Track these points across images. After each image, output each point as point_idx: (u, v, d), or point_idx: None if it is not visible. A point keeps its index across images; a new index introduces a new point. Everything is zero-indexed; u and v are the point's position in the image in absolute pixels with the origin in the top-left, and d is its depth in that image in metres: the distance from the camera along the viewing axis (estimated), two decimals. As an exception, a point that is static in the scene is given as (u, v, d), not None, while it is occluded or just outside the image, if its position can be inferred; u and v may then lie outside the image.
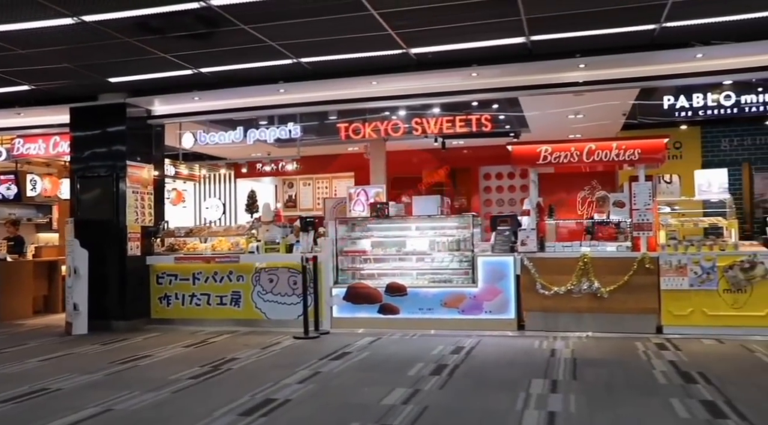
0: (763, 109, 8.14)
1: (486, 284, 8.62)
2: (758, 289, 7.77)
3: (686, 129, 12.87)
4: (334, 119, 9.99)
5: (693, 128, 13.09)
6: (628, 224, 8.32)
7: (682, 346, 7.31)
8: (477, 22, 6.93)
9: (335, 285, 9.19)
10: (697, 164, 12.84)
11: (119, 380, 6.20)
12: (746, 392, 5.24)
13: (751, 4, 6.58)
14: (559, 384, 5.61)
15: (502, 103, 10.35)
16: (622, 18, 6.93)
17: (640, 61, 7.99)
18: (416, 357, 6.95)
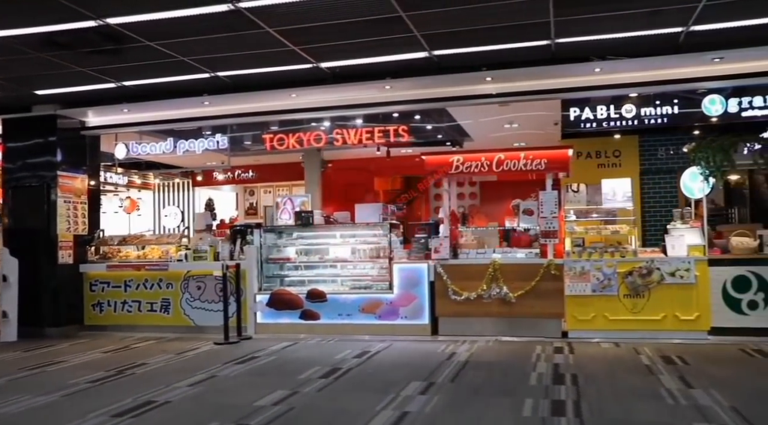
0: (661, 121, 8.45)
1: (402, 290, 8.88)
2: (655, 294, 8.07)
3: (625, 138, 13.15)
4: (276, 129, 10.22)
5: (631, 137, 13.37)
6: (537, 232, 8.60)
7: (579, 349, 7.59)
8: (376, 38, 7.21)
9: (260, 292, 9.43)
10: (636, 172, 13.15)
11: (18, 385, 6.40)
12: (601, 392, 5.52)
13: (643, 21, 6.88)
14: (433, 386, 5.87)
15: (435, 114, 10.61)
16: (515, 34, 7.22)
17: (543, 74, 8.30)
18: (317, 361, 7.19)
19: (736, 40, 7.42)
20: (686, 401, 5.16)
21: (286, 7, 6.21)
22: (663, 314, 8.07)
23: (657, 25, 6.98)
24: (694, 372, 6.21)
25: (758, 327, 7.97)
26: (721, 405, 4.99)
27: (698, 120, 8.53)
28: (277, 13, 6.38)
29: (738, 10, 6.64)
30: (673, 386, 5.67)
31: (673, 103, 8.41)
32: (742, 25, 7.07)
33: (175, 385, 6.13)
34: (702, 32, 7.24)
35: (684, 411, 4.90)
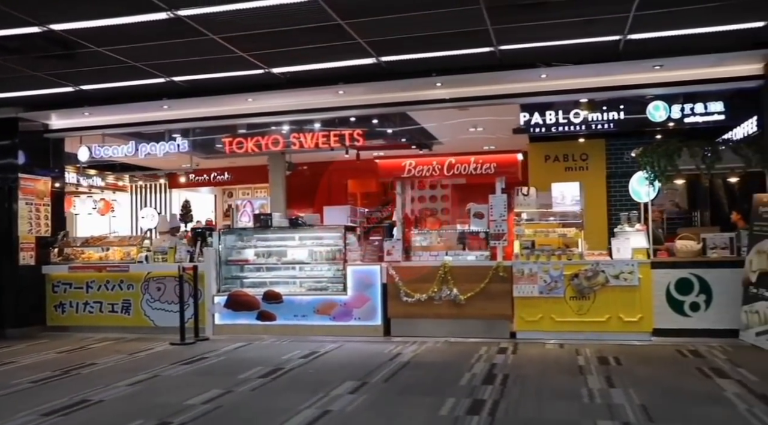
0: (608, 126, 8.62)
1: (355, 292, 9.02)
2: (600, 296, 8.24)
3: (592, 141, 13.31)
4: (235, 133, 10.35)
5: (598, 141, 13.53)
6: (487, 234, 8.76)
7: (522, 350, 7.75)
8: (321, 45, 7.36)
9: (218, 293, 9.55)
10: (602, 176, 13.32)
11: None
12: (524, 392, 5.68)
13: (579, 30, 7.05)
14: (365, 386, 6.01)
15: (396, 117, 10.75)
16: (457, 41, 7.39)
17: (492, 80, 8.46)
18: (263, 361, 7.33)
19: (673, 48, 7.61)
20: (601, 400, 5.32)
21: (226, 16, 6.37)
22: (607, 315, 8.23)
23: (594, 33, 7.17)
24: (622, 372, 6.37)
25: (699, 328, 8.14)
26: (632, 403, 5.14)
27: (644, 125, 8.69)
28: (219, 21, 6.53)
29: (670, 21, 6.84)
30: (596, 386, 5.83)
31: (619, 109, 8.57)
32: (677, 35, 7.26)
33: (114, 385, 6.26)
34: (640, 41, 7.43)
35: (595, 409, 5.05)
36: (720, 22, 6.95)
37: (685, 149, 8.53)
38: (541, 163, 13.47)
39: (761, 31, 7.17)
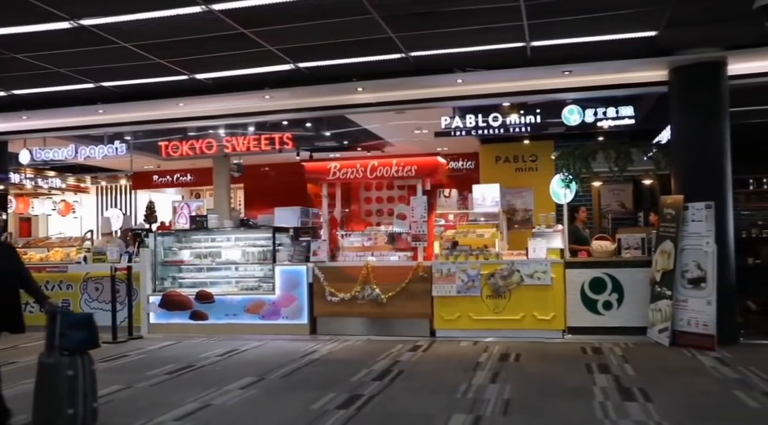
0: (525, 130, 8.87)
1: (283, 291, 9.25)
2: (515, 295, 8.48)
3: (541, 143, 13.53)
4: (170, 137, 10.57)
5: (547, 142, 13.75)
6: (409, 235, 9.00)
7: (434, 348, 7.99)
8: (236, 52, 7.58)
9: (153, 293, 9.77)
10: (551, 176, 13.52)
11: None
12: (407, 388, 5.92)
13: (478, 37, 7.29)
14: (259, 383, 6.24)
15: (335, 120, 10.96)
16: (367, 48, 7.61)
17: (411, 84, 8.69)
18: (180, 359, 7.55)
19: (579, 55, 7.84)
20: (473, 395, 5.56)
21: (130, 25, 6.58)
22: (522, 314, 8.47)
23: (497, 41, 7.40)
24: (513, 369, 6.62)
25: (612, 326, 8.38)
26: (499, 398, 5.39)
27: (559, 129, 8.93)
28: (125, 30, 6.75)
29: (567, 29, 7.07)
30: (479, 381, 6.06)
31: (535, 113, 8.81)
32: (580, 42, 7.49)
33: (21, 382, 6.43)
34: (546, 47, 7.66)
35: (460, 403, 5.29)
36: (614, 31, 7.19)
37: (600, 152, 8.80)
38: (492, 164, 13.70)
39: (657, 39, 7.40)
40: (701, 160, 7.94)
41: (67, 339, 4.34)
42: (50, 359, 4.32)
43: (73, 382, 4.27)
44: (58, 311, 4.50)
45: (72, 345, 4.34)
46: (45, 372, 4.37)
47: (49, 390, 4.31)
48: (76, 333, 4.36)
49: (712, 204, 7.55)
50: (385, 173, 9.01)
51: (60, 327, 4.34)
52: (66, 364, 4.28)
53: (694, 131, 7.98)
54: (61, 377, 4.28)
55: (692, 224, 7.72)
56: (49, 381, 4.28)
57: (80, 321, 4.51)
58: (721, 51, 7.77)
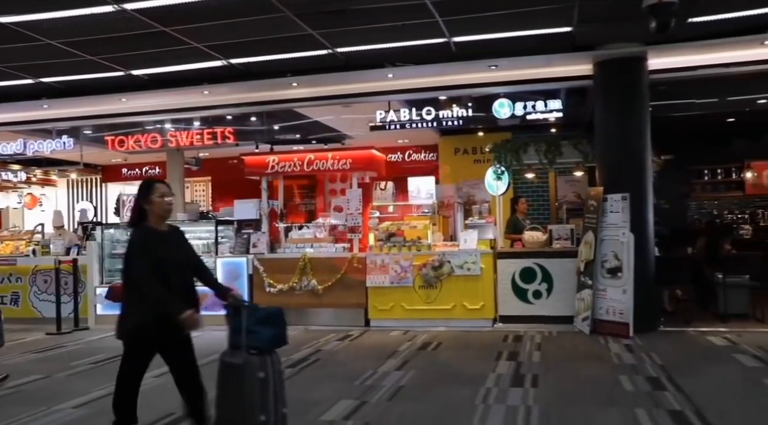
0: (457, 123, 9.03)
1: (225, 283, 9.38)
2: (446, 285, 8.67)
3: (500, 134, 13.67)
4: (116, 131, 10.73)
5: (504, 134, 13.92)
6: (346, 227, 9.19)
7: (363, 338, 8.20)
8: (161, 49, 7.72)
9: (100, 285, 9.96)
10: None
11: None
12: (311, 375, 6.12)
13: (394, 34, 7.44)
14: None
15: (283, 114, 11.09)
16: (292, 45, 7.75)
17: (344, 79, 8.84)
18: (110, 350, 7.72)
19: (503, 50, 7.99)
20: (373, 382, 5.76)
21: (48, 23, 6.72)
22: (453, 303, 8.66)
23: (416, 37, 7.54)
24: (425, 357, 6.83)
25: (541, 314, 8.58)
26: (395, 385, 5.60)
27: (490, 122, 9.10)
28: (45, 28, 6.89)
29: (484, 25, 7.21)
30: (385, 369, 6.27)
31: (467, 106, 8.97)
32: (501, 37, 7.64)
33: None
34: (468, 43, 7.81)
35: (354, 390, 5.49)
36: (530, 26, 7.35)
37: (532, 145, 8.98)
38: (451, 155, 13.89)
39: (575, 35, 7.56)
40: (620, 152, 8.11)
41: (256, 337, 3.76)
42: (237, 359, 3.75)
43: (265, 385, 3.73)
44: (244, 306, 3.97)
45: (262, 344, 3.77)
46: (231, 373, 3.80)
47: (237, 394, 3.77)
48: (265, 329, 3.79)
49: (628, 196, 7.74)
50: (321, 166, 9.18)
51: (247, 323, 3.79)
52: (256, 365, 3.72)
53: (614, 123, 8.15)
54: (252, 379, 3.73)
55: (610, 215, 7.91)
56: (238, 383, 3.75)
57: (269, 316, 3.93)
58: (641, 46, 7.94)
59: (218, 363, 3.87)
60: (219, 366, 3.86)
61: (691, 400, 4.89)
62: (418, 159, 14.83)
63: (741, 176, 13.97)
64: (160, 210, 3.92)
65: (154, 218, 3.92)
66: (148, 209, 3.90)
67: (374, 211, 9.19)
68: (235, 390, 3.79)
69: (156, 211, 3.91)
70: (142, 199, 3.91)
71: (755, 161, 13.83)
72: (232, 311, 3.96)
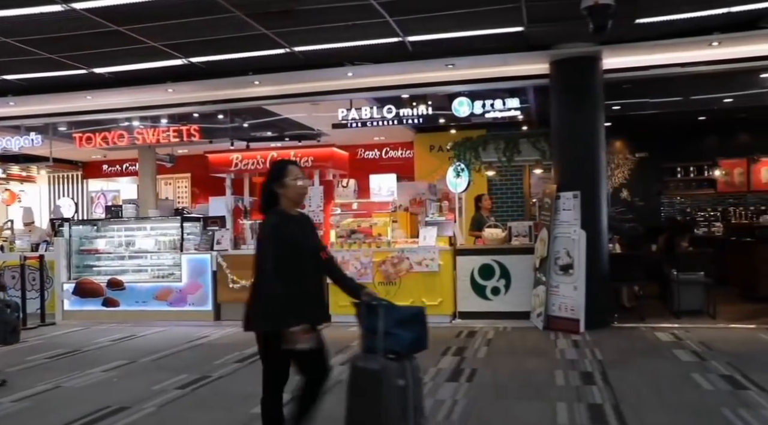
0: (417, 121, 9.13)
1: (190, 279, 9.55)
2: (405, 281, 8.78)
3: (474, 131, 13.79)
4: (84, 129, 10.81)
5: (479, 131, 14.03)
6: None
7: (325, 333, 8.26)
8: (122, 47, 7.80)
9: (68, 281, 10.06)
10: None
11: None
12: (249, 372, 6.17)
13: (347, 34, 7.53)
14: (124, 366, 6.55)
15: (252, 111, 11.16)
16: (248, 44, 7.83)
17: (305, 78, 8.93)
18: (71, 345, 7.88)
19: (459, 49, 8.09)
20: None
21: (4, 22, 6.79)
22: (411, 299, 8.72)
23: (370, 36, 7.63)
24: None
25: (500, 311, 8.70)
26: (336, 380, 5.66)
27: (450, 120, 9.20)
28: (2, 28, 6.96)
29: (437, 25, 7.30)
30: (331, 363, 6.35)
31: (427, 104, 9.07)
32: (456, 37, 7.73)
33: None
34: (423, 42, 7.90)
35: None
36: (481, 26, 7.43)
37: (491, 143, 9.09)
38: (426, 153, 14.01)
39: (529, 34, 7.65)
40: (574, 151, 8.21)
41: (395, 340, 3.35)
42: (373, 364, 3.33)
43: (404, 394, 3.35)
44: (381, 305, 3.46)
45: (401, 348, 3.37)
46: (366, 379, 3.37)
47: (373, 403, 3.35)
48: (405, 331, 3.38)
49: (579, 194, 7.84)
50: (284, 163, 9.23)
51: (385, 324, 3.37)
52: (395, 371, 3.33)
53: (569, 122, 8.26)
54: (390, 387, 3.32)
55: (563, 212, 8.02)
56: (374, 391, 3.34)
57: (410, 316, 3.52)
58: (596, 46, 8.03)
59: (349, 368, 3.47)
60: (351, 371, 3.45)
61: (614, 394, 5.01)
62: (395, 156, 14.93)
63: (712, 174, 14.10)
64: (294, 194, 3.49)
65: (287, 203, 3.48)
66: (280, 193, 3.44)
67: (336, 208, 9.29)
68: (372, 398, 3.36)
69: (290, 195, 3.47)
70: (274, 182, 3.45)
71: (726, 159, 13.97)
72: (366, 311, 3.50)
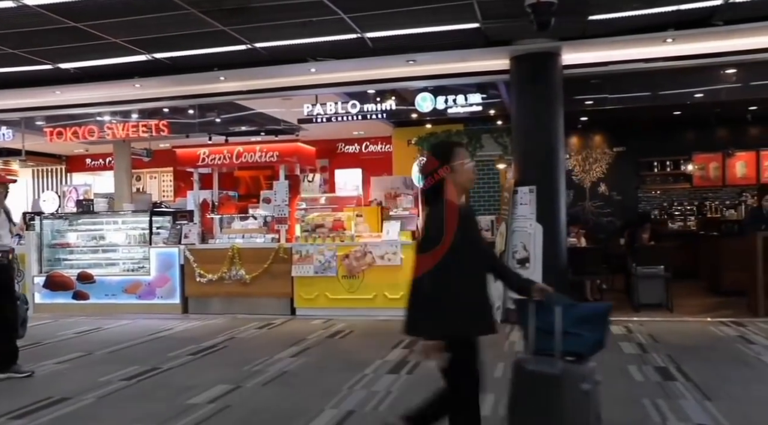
0: (381, 116, 9.22)
1: (158, 272, 9.66)
2: (368, 275, 8.88)
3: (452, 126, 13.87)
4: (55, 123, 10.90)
5: (457, 125, 14.07)
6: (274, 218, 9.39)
7: (284, 326, 8.42)
8: (79, 44, 7.87)
9: (39, 274, 10.16)
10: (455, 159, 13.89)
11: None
12: (199, 364, 6.34)
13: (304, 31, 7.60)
14: (78, 358, 6.66)
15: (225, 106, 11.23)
16: (209, 40, 7.90)
17: (270, 74, 9.00)
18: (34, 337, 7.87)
19: (419, 45, 8.15)
20: (262, 368, 5.98)
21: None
22: (374, 293, 8.88)
23: (328, 32, 7.70)
24: (327, 344, 7.09)
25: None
26: (280, 372, 5.82)
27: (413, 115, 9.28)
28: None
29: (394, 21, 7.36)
30: (281, 356, 6.49)
31: (390, 100, 9.15)
32: (415, 33, 7.80)
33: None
34: (383, 38, 7.97)
35: (241, 375, 5.70)
36: (438, 23, 7.49)
37: (454, 138, 9.16)
38: (404, 147, 14.07)
39: (487, 30, 7.72)
40: (533, 145, 8.29)
41: (577, 341, 3.00)
42: (550, 368, 2.97)
43: (589, 400, 2.98)
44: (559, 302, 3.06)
45: (585, 349, 3.02)
46: (543, 385, 2.99)
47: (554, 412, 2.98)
48: (587, 331, 3.02)
49: (534, 188, 7.93)
50: (250, 158, 9.36)
51: (564, 323, 3.00)
52: (579, 375, 2.96)
53: (528, 117, 8.33)
54: (574, 393, 2.94)
55: (520, 207, 8.11)
56: (554, 398, 2.96)
57: (593, 314, 3.12)
58: (555, 42, 8.09)
59: (514, 372, 3.13)
60: (517, 375, 3.09)
61: (545, 386, 5.11)
62: (375, 150, 15.02)
63: (688, 168, 14.17)
64: (465, 180, 3.09)
65: (456, 191, 3.06)
66: (450, 179, 3.02)
67: (301, 202, 9.38)
68: (550, 406, 2.98)
69: (460, 181, 3.06)
70: (440, 167, 3.04)
71: (701, 154, 14.04)
72: (536, 309, 3.12)
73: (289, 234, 9.33)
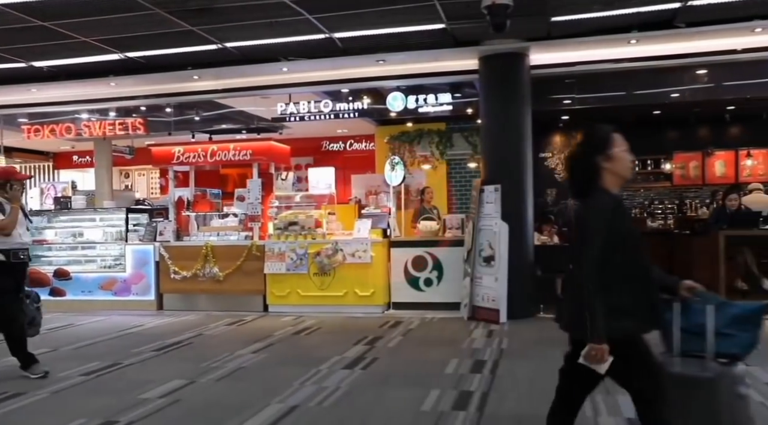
0: (353, 115, 9.30)
1: (134, 269, 9.75)
2: (339, 272, 8.97)
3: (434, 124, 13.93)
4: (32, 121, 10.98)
5: (439, 124, 14.17)
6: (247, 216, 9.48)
7: (254, 323, 8.51)
8: (48, 43, 7.96)
9: (16, 271, 10.22)
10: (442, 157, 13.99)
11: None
12: (162, 360, 6.43)
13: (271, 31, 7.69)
14: (45, 354, 6.73)
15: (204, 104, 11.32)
16: (178, 40, 8.00)
17: (242, 72, 9.09)
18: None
19: (389, 45, 8.24)
20: (220, 364, 6.06)
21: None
22: (345, 290, 8.97)
23: (296, 32, 7.78)
24: (291, 341, 7.17)
25: (432, 301, 8.90)
26: (237, 367, 5.90)
27: (385, 114, 9.36)
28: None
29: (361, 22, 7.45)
30: (243, 352, 6.57)
31: (363, 99, 9.23)
32: (383, 33, 7.88)
33: None
34: (352, 38, 8.06)
35: (197, 371, 5.79)
36: (404, 23, 7.58)
37: (426, 137, 9.25)
38: (386, 145, 14.17)
39: (453, 31, 7.80)
40: (500, 145, 8.38)
41: (732, 342, 2.85)
42: (702, 371, 2.83)
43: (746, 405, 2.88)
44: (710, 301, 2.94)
45: (741, 350, 2.89)
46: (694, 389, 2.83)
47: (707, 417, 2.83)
48: (742, 332, 2.87)
49: (499, 187, 8.02)
50: (223, 156, 9.45)
51: (717, 323, 2.86)
52: (734, 379, 2.81)
53: (495, 117, 8.42)
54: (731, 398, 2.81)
55: (486, 205, 8.21)
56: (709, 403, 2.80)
57: (749, 314, 2.93)
58: (523, 42, 8.18)
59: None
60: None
61: (492, 383, 5.21)
62: (359, 148, 15.10)
63: (668, 167, 14.26)
64: (623, 169, 2.86)
65: (613, 181, 2.83)
66: (606, 167, 2.81)
67: (274, 200, 9.47)
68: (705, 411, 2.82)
69: (619, 169, 2.83)
70: (598, 154, 2.81)
71: (681, 153, 14.13)
72: (681, 308, 2.96)
73: (263, 232, 9.40)
